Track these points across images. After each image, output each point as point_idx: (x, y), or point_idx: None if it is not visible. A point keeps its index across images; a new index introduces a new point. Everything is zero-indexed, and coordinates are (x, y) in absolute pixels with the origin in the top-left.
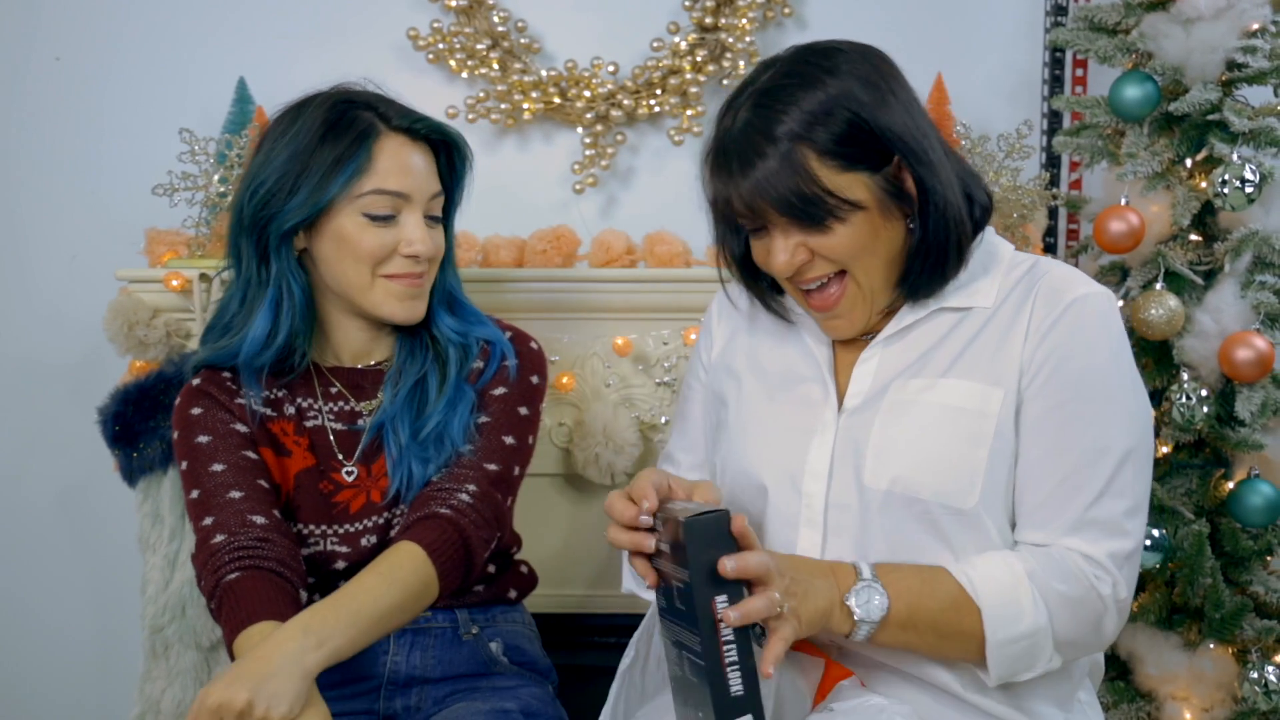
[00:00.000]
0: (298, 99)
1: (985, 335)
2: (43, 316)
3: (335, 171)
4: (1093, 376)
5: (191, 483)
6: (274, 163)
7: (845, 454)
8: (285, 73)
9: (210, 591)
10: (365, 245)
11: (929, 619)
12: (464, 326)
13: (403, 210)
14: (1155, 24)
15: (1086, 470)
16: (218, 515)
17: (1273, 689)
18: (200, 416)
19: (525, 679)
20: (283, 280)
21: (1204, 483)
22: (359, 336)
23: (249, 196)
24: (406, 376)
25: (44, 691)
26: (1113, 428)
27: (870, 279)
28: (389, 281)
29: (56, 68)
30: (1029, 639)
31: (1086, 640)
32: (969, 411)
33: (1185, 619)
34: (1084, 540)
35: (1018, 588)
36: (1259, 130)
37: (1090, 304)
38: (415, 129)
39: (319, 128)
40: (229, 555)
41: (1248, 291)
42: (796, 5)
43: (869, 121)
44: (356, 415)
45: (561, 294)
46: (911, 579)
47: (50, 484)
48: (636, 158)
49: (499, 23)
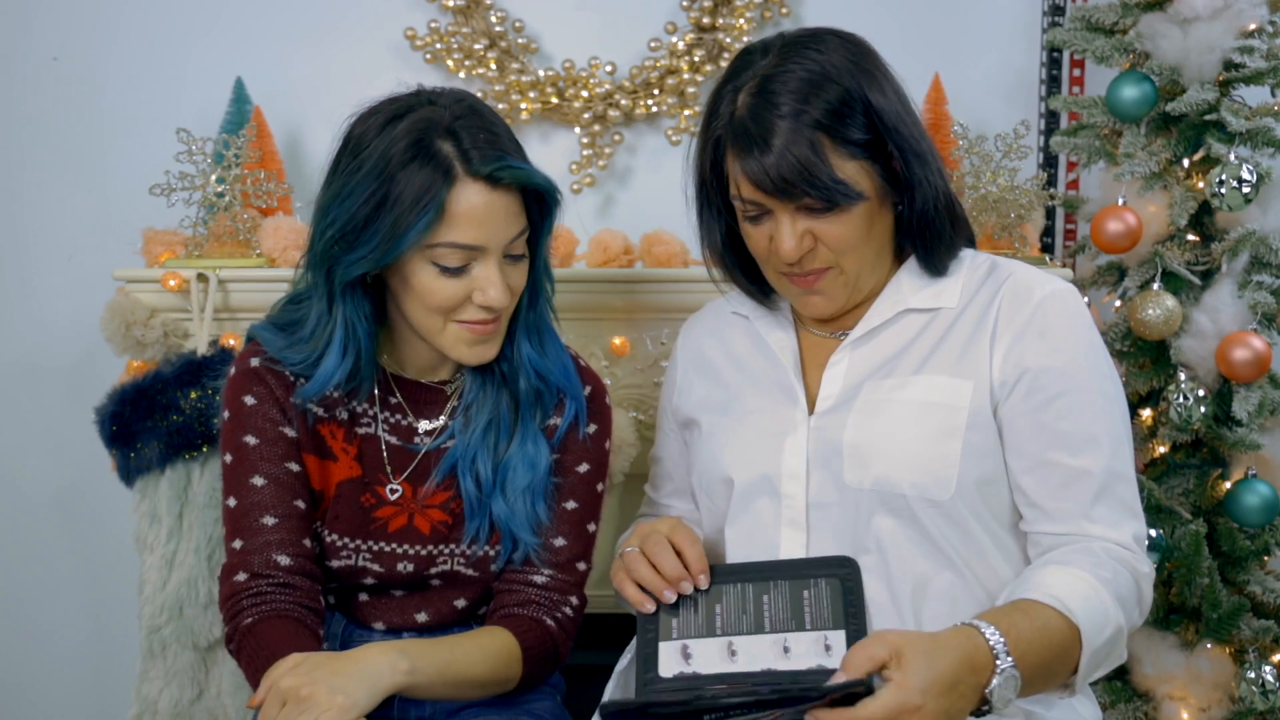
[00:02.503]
0: (382, 107)
1: (953, 334)
2: (40, 316)
3: (407, 223)
4: (1074, 369)
5: (230, 488)
6: (346, 200)
7: (820, 454)
8: (282, 72)
9: (230, 634)
10: (436, 297)
11: (1044, 669)
12: (544, 364)
13: (476, 259)
14: (1152, 24)
15: (1086, 458)
16: (246, 542)
17: (1270, 689)
18: (253, 410)
19: (536, 694)
20: (349, 326)
21: (1201, 483)
22: (428, 355)
23: (320, 231)
24: (480, 409)
25: (41, 692)
26: (1101, 415)
27: (858, 266)
28: (460, 328)
29: (54, 68)
30: (1111, 641)
31: (1134, 623)
32: (940, 405)
33: (1182, 619)
34: (1108, 526)
35: (1100, 595)
36: (1256, 130)
37: (1058, 301)
38: (497, 177)
39: (397, 163)
40: (248, 600)
41: (1245, 291)
42: (794, 5)
43: (873, 109)
44: (413, 432)
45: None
46: (1032, 639)
47: (47, 484)
48: (634, 158)
49: (496, 22)
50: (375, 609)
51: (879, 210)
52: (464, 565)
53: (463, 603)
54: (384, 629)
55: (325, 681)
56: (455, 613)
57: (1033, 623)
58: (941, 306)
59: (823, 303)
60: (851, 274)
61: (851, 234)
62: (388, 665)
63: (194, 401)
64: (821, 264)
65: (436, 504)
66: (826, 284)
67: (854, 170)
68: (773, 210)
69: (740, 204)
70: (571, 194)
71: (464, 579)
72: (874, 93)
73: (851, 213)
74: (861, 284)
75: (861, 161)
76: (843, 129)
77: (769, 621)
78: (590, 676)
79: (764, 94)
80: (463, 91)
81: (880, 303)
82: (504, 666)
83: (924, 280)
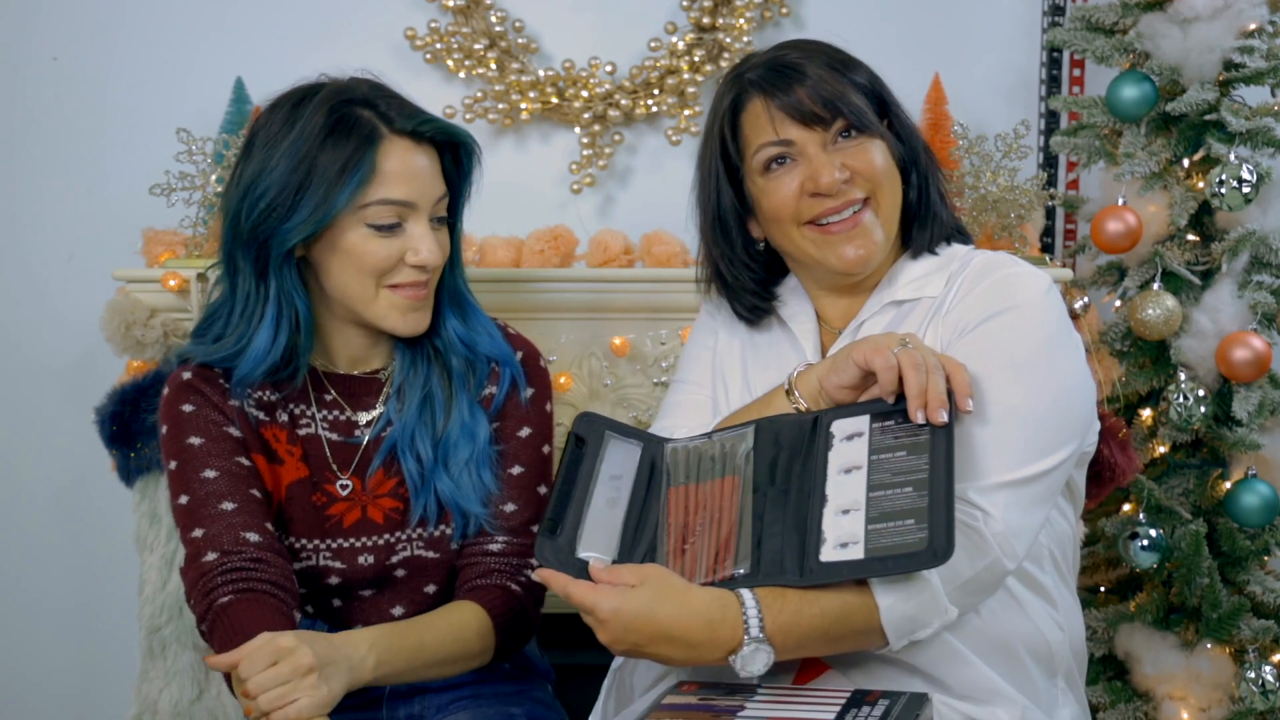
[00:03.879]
0: (287, 95)
1: (928, 324)
2: (40, 316)
3: (339, 183)
4: (1007, 331)
5: (181, 487)
6: (272, 173)
7: None
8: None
9: (202, 614)
10: (371, 258)
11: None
12: (470, 335)
13: (408, 218)
14: (1153, 24)
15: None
16: (209, 528)
17: (1269, 689)
18: (192, 415)
19: (527, 684)
20: (283, 297)
21: (1201, 483)
22: (358, 343)
23: (247, 209)
24: (412, 388)
25: (40, 691)
26: (1016, 385)
27: (890, 206)
28: (393, 293)
29: (54, 68)
30: (920, 591)
31: (969, 574)
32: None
33: (1182, 619)
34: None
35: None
36: (1256, 130)
37: (1014, 274)
38: (420, 131)
39: (319, 132)
40: (221, 577)
41: (1245, 291)
42: (794, 5)
43: (878, 82)
44: (353, 426)
45: (559, 294)
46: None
47: (47, 483)
48: (634, 158)
49: (496, 22)
50: (351, 612)
51: (892, 162)
52: (423, 548)
53: (433, 588)
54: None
55: (320, 658)
56: (429, 600)
57: (804, 592)
58: (923, 296)
59: (858, 252)
60: (886, 212)
61: (881, 162)
62: (359, 657)
63: None
64: (860, 192)
65: (386, 493)
66: (861, 230)
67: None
68: (803, 150)
69: (771, 149)
70: (571, 194)
71: (427, 563)
72: (874, 75)
73: (876, 143)
74: (888, 234)
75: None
76: (855, 78)
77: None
78: (586, 676)
79: (779, 57)
80: (362, 73)
81: (876, 294)
82: (475, 640)
83: (914, 271)
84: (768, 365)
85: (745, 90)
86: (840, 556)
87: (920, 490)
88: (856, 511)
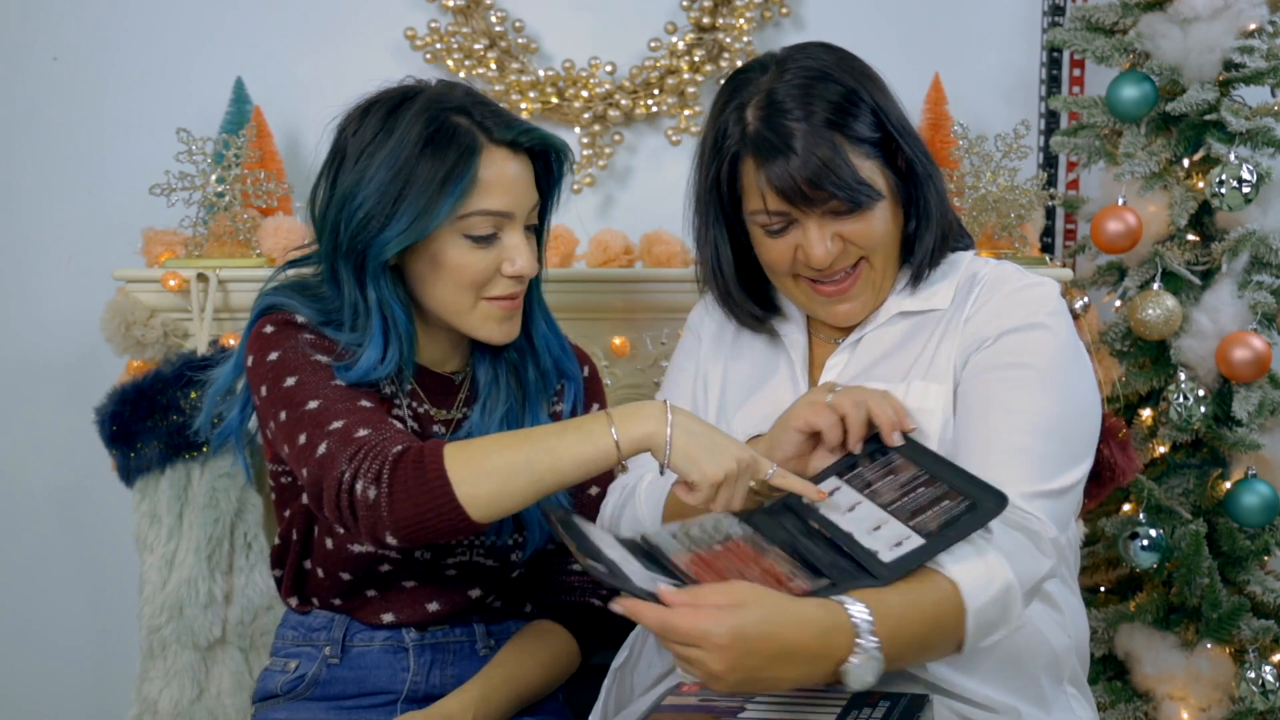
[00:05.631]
0: (379, 100)
1: (937, 337)
2: (40, 317)
3: (441, 194)
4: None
5: (307, 393)
6: (370, 183)
7: None
8: (282, 73)
9: (375, 474)
10: (469, 270)
11: (918, 643)
12: (559, 351)
13: (504, 228)
14: (1152, 24)
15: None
16: (352, 417)
17: (1269, 689)
18: (313, 342)
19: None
20: (386, 309)
21: (1201, 483)
22: (443, 345)
23: (345, 219)
24: (496, 399)
25: (41, 691)
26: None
27: (885, 264)
28: (490, 304)
29: (54, 67)
30: (1001, 599)
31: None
32: (919, 410)
33: (1182, 619)
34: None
35: (981, 551)
36: (1256, 130)
37: (1034, 290)
38: (519, 142)
39: (417, 141)
40: (386, 440)
41: (1245, 291)
42: (794, 5)
43: (877, 108)
44: (430, 420)
45: (559, 294)
46: (903, 613)
47: (47, 484)
48: (634, 158)
49: (496, 22)
50: (384, 603)
51: (893, 209)
52: (483, 556)
53: (477, 593)
54: (392, 620)
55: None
56: (468, 602)
57: (904, 596)
58: (933, 308)
59: (853, 309)
60: (879, 271)
61: (877, 230)
62: (471, 701)
63: (194, 401)
64: (852, 262)
65: None
66: (857, 289)
67: (870, 169)
68: (797, 220)
69: (764, 217)
70: (571, 194)
71: (482, 570)
72: (874, 92)
73: (874, 211)
74: (885, 284)
75: (874, 160)
76: (854, 126)
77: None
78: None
79: (772, 105)
80: (451, 79)
81: (887, 304)
82: (565, 668)
83: (920, 283)
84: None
85: (742, 147)
86: (903, 551)
87: (932, 485)
88: (888, 523)
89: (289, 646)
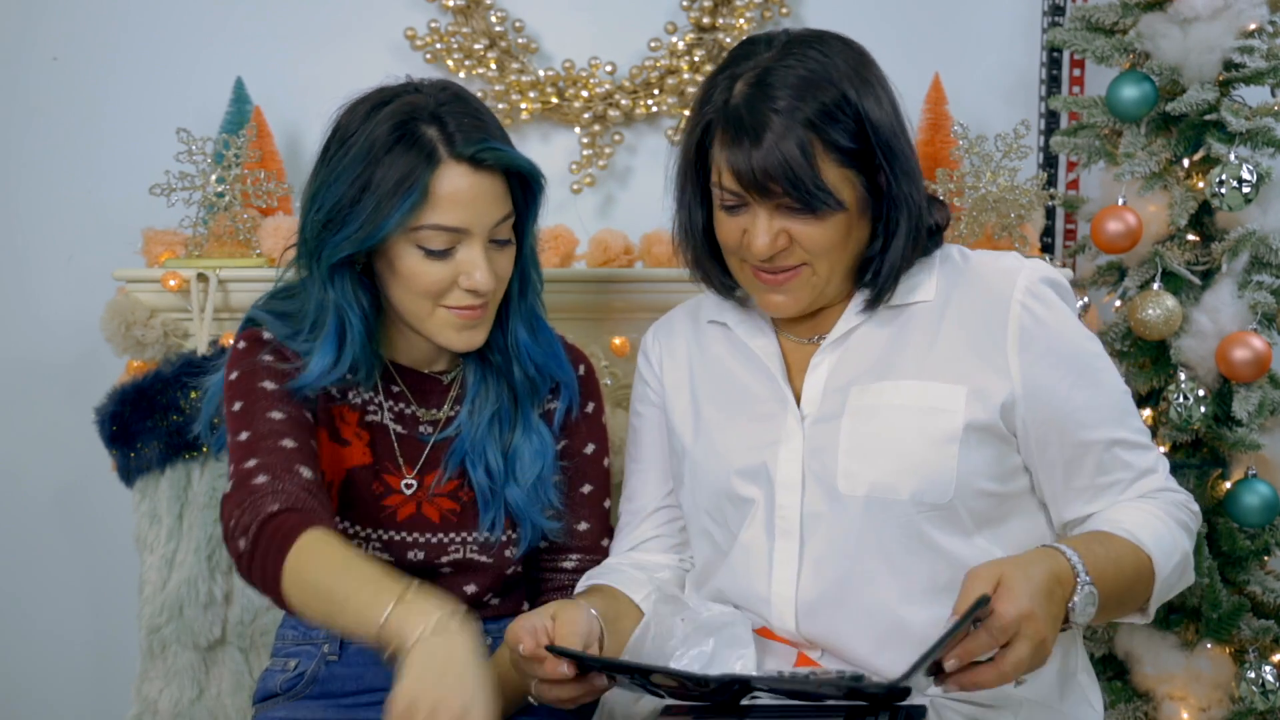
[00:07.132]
0: (367, 96)
1: (934, 331)
2: (40, 317)
3: (391, 204)
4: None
5: (243, 424)
6: (336, 183)
7: (814, 463)
8: (282, 73)
9: (246, 527)
10: (423, 280)
11: (1117, 596)
12: (539, 353)
13: (461, 243)
14: (1153, 24)
15: (1105, 430)
16: (264, 459)
17: (1270, 689)
18: (270, 365)
19: None
20: (342, 312)
21: (1201, 483)
22: (424, 346)
23: (310, 217)
24: (484, 400)
25: (40, 692)
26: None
27: (829, 271)
28: (449, 312)
29: (54, 68)
30: (1180, 568)
31: (1190, 547)
32: (937, 410)
33: (1182, 619)
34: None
35: (1166, 524)
36: (1256, 130)
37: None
38: (480, 159)
39: (381, 146)
40: (271, 494)
41: (1245, 291)
42: (794, 5)
43: (867, 119)
44: (417, 421)
45: (559, 294)
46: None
47: (47, 484)
48: (634, 157)
49: (496, 22)
50: None
51: (857, 222)
52: (477, 552)
53: (472, 589)
54: None
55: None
56: (465, 599)
57: (1108, 551)
58: (917, 300)
59: (786, 302)
60: (822, 277)
61: (827, 239)
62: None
63: (194, 401)
64: (794, 262)
65: (445, 493)
66: (796, 284)
67: (838, 178)
68: (750, 204)
69: (719, 191)
70: (571, 194)
71: (477, 565)
72: (870, 103)
73: (830, 219)
74: (828, 290)
75: (847, 170)
76: (833, 133)
77: None
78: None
79: (761, 85)
80: (448, 81)
81: (855, 302)
82: None
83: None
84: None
85: (718, 118)
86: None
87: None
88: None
89: (289, 646)
